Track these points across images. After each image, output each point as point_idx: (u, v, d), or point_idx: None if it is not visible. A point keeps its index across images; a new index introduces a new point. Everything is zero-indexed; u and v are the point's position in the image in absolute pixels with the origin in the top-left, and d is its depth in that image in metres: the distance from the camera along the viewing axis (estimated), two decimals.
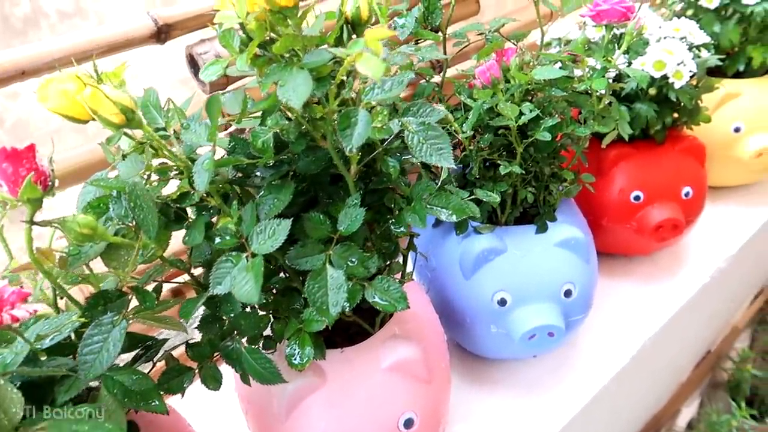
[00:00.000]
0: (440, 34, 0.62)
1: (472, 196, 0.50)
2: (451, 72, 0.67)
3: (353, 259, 0.38)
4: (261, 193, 0.38)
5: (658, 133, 0.71)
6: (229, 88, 0.59)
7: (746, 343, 1.36)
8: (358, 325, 0.49)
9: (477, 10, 0.80)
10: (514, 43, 0.66)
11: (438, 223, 0.64)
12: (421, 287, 0.61)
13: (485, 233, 0.60)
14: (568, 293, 0.60)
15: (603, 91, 0.58)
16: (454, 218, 0.41)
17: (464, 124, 0.56)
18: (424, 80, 0.63)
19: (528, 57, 0.59)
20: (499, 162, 0.56)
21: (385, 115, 0.38)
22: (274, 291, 0.43)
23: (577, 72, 0.58)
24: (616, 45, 0.57)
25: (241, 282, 0.32)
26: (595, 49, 0.58)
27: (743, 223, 0.87)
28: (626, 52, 0.69)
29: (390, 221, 0.42)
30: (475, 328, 0.61)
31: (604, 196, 0.73)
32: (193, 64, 0.58)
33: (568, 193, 0.64)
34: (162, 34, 0.54)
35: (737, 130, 0.83)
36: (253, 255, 0.35)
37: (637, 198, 0.71)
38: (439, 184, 0.48)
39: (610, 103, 0.60)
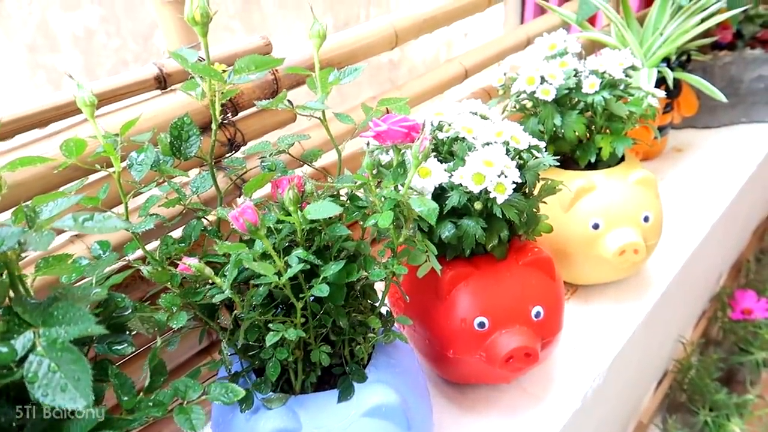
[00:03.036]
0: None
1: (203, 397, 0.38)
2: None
3: None
4: None
5: (495, 249, 0.62)
6: None
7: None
8: None
9: (293, 118, 0.70)
10: (309, 164, 0.56)
11: None
12: None
13: (275, 408, 0.47)
14: None
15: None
16: None
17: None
18: (194, 218, 0.52)
19: (310, 186, 0.49)
20: (271, 326, 0.44)
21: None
22: None
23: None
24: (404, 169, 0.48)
25: None
26: (385, 174, 0.48)
27: (619, 324, 0.79)
28: (447, 160, 0.60)
29: None
30: None
31: (445, 324, 0.62)
32: None
33: (386, 340, 0.53)
34: None
35: (596, 226, 0.75)
36: None
37: (481, 325, 0.61)
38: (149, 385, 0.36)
39: (414, 234, 0.50)
